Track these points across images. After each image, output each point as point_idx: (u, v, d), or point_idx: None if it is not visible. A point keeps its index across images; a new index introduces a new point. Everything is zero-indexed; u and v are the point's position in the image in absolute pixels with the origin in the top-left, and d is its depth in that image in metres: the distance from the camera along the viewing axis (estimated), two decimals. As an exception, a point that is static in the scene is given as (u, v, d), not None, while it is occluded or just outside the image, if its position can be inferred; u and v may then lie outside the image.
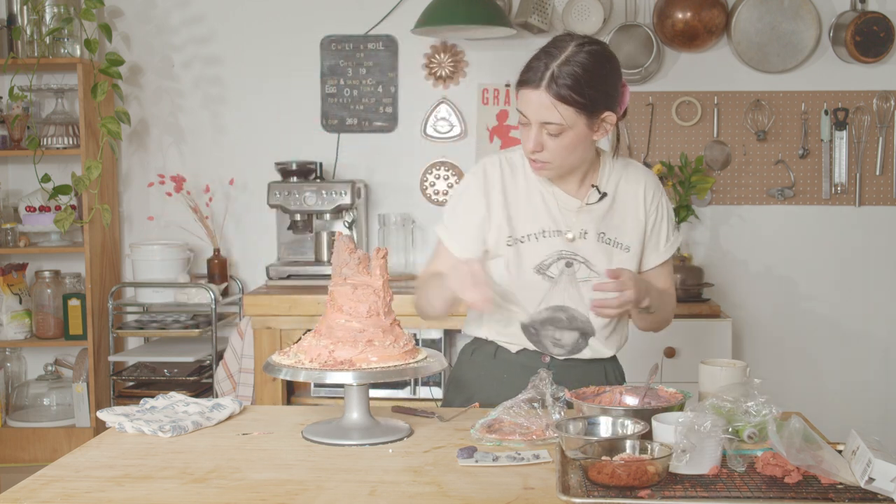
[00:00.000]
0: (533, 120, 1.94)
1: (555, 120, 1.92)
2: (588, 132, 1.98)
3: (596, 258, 2.06)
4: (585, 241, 2.07)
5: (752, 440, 1.63)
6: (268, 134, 4.04)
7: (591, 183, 2.10)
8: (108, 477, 1.62)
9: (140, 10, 4.02)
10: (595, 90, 1.94)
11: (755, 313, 3.98)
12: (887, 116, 3.89)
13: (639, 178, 2.14)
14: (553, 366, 2.08)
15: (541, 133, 1.95)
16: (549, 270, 2.05)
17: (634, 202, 2.11)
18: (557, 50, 1.94)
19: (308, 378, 1.78)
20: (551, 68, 1.91)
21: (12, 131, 3.80)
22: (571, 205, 2.08)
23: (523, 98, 1.95)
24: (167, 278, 3.79)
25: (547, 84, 1.91)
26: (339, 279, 1.86)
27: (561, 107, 1.91)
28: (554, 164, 1.99)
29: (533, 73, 1.93)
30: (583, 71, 1.92)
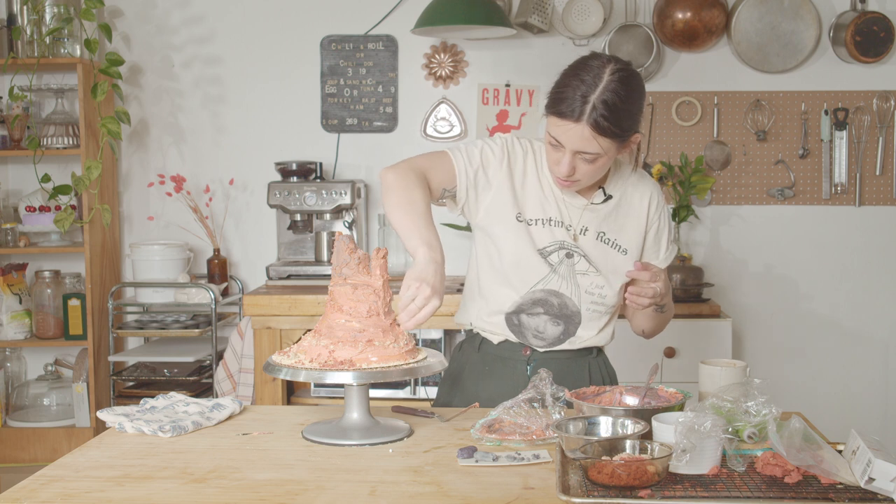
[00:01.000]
0: (568, 148, 1.95)
1: (592, 150, 1.94)
2: (616, 153, 2.01)
3: (594, 255, 2.10)
4: (585, 237, 2.10)
5: (752, 440, 1.63)
6: (268, 134, 4.04)
7: (599, 185, 2.13)
8: (108, 477, 1.62)
9: (140, 10, 4.02)
10: (630, 118, 1.95)
11: (755, 313, 3.98)
12: (887, 116, 3.89)
13: (646, 188, 2.17)
14: (534, 358, 2.12)
15: (574, 159, 1.96)
16: (550, 257, 2.08)
17: (638, 209, 2.15)
18: (592, 78, 1.92)
19: (308, 378, 1.78)
20: (590, 101, 1.90)
21: (12, 131, 3.80)
22: (578, 202, 2.11)
23: (560, 128, 1.94)
24: (167, 278, 3.79)
25: (588, 118, 1.90)
26: (339, 279, 1.86)
27: (600, 139, 1.92)
28: (582, 182, 2.03)
29: (570, 105, 1.91)
30: (620, 102, 1.91)
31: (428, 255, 1.86)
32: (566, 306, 2.09)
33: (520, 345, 2.13)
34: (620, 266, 2.11)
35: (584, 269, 2.09)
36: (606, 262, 2.10)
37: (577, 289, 2.09)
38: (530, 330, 2.11)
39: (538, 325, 2.10)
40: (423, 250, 1.87)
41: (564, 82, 1.95)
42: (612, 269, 2.11)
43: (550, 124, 1.96)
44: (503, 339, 2.14)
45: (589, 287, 2.10)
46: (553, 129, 1.96)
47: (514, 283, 2.09)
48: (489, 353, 2.16)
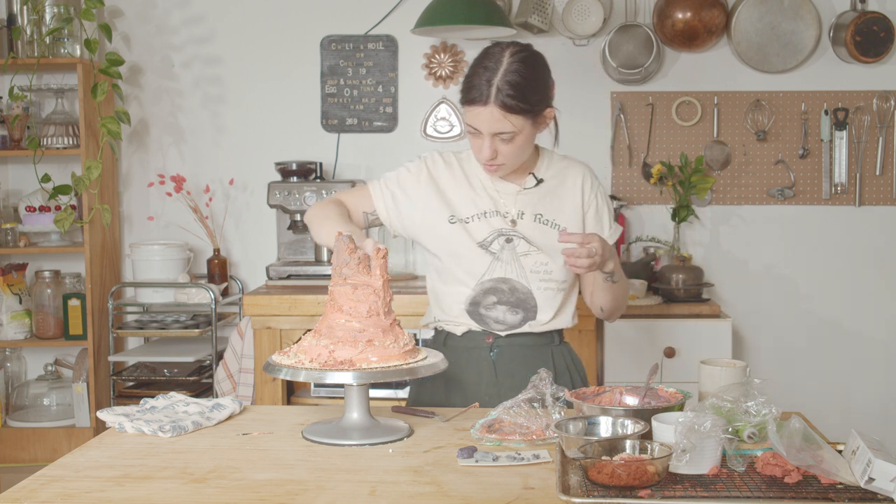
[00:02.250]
0: (485, 132, 2.06)
1: (507, 129, 2.04)
2: (534, 130, 2.11)
3: (534, 236, 2.17)
4: (523, 220, 2.18)
5: (752, 440, 1.63)
6: (268, 134, 4.04)
7: (528, 171, 2.21)
8: (108, 477, 1.62)
9: (140, 10, 4.02)
10: (536, 93, 2.06)
11: (755, 313, 3.98)
12: (887, 116, 3.89)
13: (578, 171, 2.25)
14: (497, 345, 2.18)
15: (494, 142, 2.07)
16: (491, 246, 2.16)
17: (572, 191, 2.23)
18: (494, 63, 2.05)
19: (308, 378, 1.78)
20: (494, 84, 2.02)
21: (12, 131, 3.80)
22: (510, 189, 2.20)
23: (473, 115, 2.06)
24: (167, 278, 3.79)
25: (494, 98, 2.02)
26: (339, 279, 1.86)
27: (510, 117, 2.03)
28: (508, 163, 2.12)
29: (478, 91, 2.04)
30: (523, 80, 2.03)
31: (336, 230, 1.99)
32: (517, 290, 2.15)
33: (483, 333, 2.19)
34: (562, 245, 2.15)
35: (525, 250, 2.16)
36: (546, 241, 2.17)
37: (522, 270, 2.15)
38: (491, 318, 2.17)
39: (497, 315, 2.17)
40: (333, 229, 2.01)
41: (471, 73, 2.08)
42: (554, 246, 2.16)
43: (466, 114, 2.09)
44: (466, 330, 2.20)
45: (534, 266, 2.16)
46: (468, 118, 2.08)
47: (463, 279, 2.17)
48: (454, 346, 2.22)
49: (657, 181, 3.84)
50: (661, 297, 3.66)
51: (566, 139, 3.96)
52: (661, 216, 3.95)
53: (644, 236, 3.92)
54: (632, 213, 3.98)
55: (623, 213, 3.95)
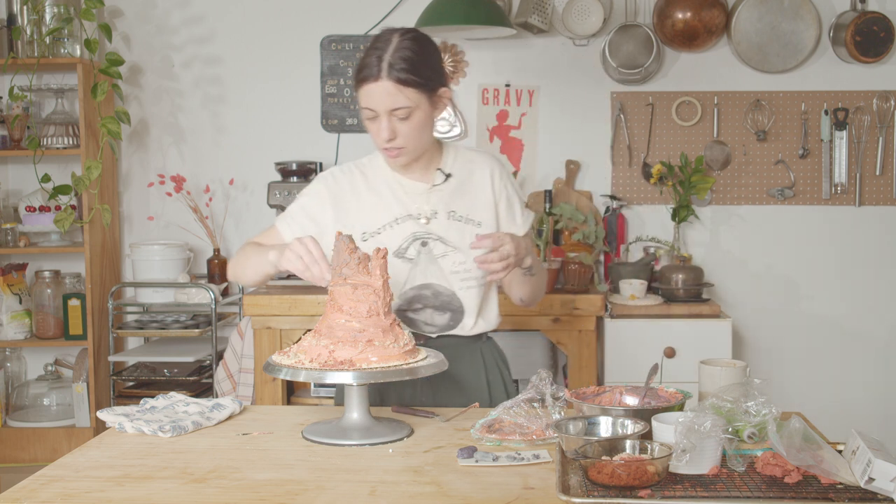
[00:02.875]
0: (381, 110, 2.04)
1: (402, 104, 2.03)
2: (431, 110, 2.10)
3: (449, 235, 2.15)
4: (437, 220, 2.16)
5: (752, 440, 1.63)
6: (268, 134, 4.04)
7: (435, 167, 2.20)
8: (108, 477, 1.62)
9: (140, 10, 4.02)
10: (428, 69, 2.06)
11: (755, 313, 3.98)
12: (887, 116, 3.89)
13: (485, 162, 2.24)
14: (429, 345, 2.14)
15: (391, 121, 2.04)
16: (408, 253, 2.14)
17: (482, 183, 2.21)
18: (383, 43, 2.05)
19: (308, 378, 1.78)
20: (385, 59, 2.02)
21: (12, 131, 3.80)
22: (419, 188, 2.18)
23: (367, 93, 2.04)
24: (167, 278, 3.79)
25: (387, 73, 2.01)
26: (339, 279, 1.86)
27: (405, 90, 2.02)
28: (408, 147, 2.09)
29: (370, 69, 2.03)
30: (413, 54, 2.04)
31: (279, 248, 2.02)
32: (440, 294, 2.13)
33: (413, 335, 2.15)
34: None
35: (442, 251, 2.14)
36: (463, 238, 2.14)
37: (441, 273, 2.14)
38: (420, 320, 2.16)
39: (425, 318, 2.15)
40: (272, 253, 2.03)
41: (363, 56, 2.08)
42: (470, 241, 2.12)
43: (361, 97, 2.06)
44: None
45: (452, 267, 2.14)
46: (363, 100, 2.06)
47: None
48: None
49: (657, 181, 3.84)
50: (661, 297, 3.66)
51: (567, 139, 3.98)
52: (661, 216, 3.95)
53: (644, 236, 3.92)
54: (632, 213, 3.98)
55: (623, 213, 3.95)
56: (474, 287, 2.16)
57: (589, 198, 3.94)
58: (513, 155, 3.98)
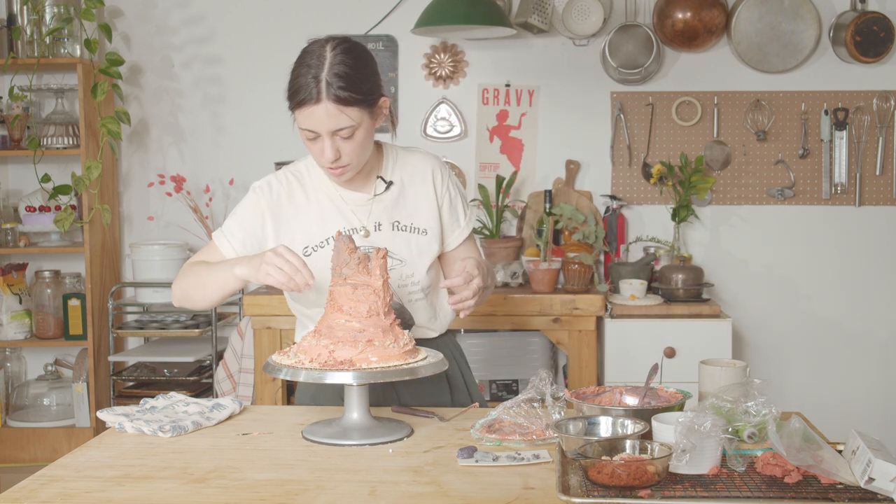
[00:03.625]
0: (323, 132, 1.94)
1: (344, 124, 1.93)
2: (372, 123, 2.00)
3: (395, 247, 2.08)
4: (381, 232, 2.09)
5: (752, 440, 1.63)
6: (268, 134, 4.04)
7: (376, 175, 2.12)
8: (108, 477, 1.62)
9: (140, 10, 4.03)
10: (367, 82, 1.96)
11: (755, 313, 3.98)
12: (887, 116, 3.89)
13: (426, 166, 2.16)
14: None
15: (334, 141, 1.95)
16: None
17: (424, 187, 2.14)
18: (316, 59, 1.94)
19: (308, 378, 1.78)
20: (322, 79, 1.92)
21: (12, 131, 3.80)
22: (361, 199, 2.10)
23: (306, 116, 1.94)
24: (167, 278, 3.79)
25: (325, 93, 1.91)
26: (339, 279, 1.86)
27: (346, 110, 1.92)
28: (353, 164, 2.00)
29: (307, 91, 1.93)
30: (351, 70, 1.93)
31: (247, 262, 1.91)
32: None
33: None
34: (424, 247, 2.11)
35: (390, 265, 2.06)
36: (409, 249, 2.09)
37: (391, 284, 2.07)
38: None
39: None
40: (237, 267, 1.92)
41: (294, 74, 1.97)
42: (417, 252, 2.10)
43: (299, 119, 1.96)
44: None
45: (400, 280, 2.08)
46: (303, 122, 1.96)
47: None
48: None
49: (657, 181, 3.84)
50: (661, 297, 3.66)
51: (567, 139, 3.98)
52: (661, 216, 3.95)
53: (644, 236, 3.92)
54: (632, 213, 3.98)
55: (623, 213, 3.95)
56: (423, 298, 2.12)
57: (589, 198, 3.94)
58: (513, 155, 3.98)
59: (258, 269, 1.87)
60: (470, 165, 3.98)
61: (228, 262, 1.98)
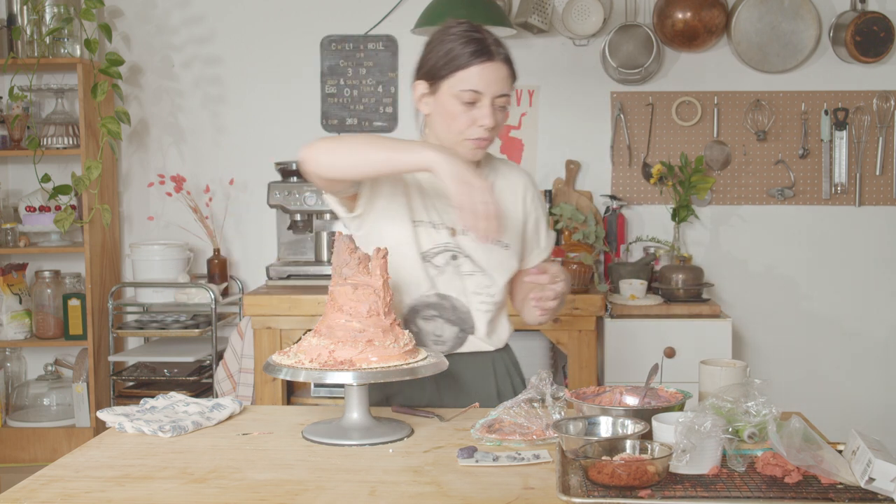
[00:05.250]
0: (489, 94, 1.92)
1: (508, 90, 1.95)
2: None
3: (478, 254, 2.08)
4: (466, 236, 2.07)
5: (752, 440, 1.63)
6: (268, 134, 4.04)
7: None
8: (108, 477, 1.62)
9: (140, 10, 4.03)
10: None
11: (755, 313, 3.98)
12: (887, 116, 3.89)
13: (518, 178, 2.16)
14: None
15: (494, 107, 1.94)
16: (435, 260, 2.06)
17: (514, 203, 2.13)
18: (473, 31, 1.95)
19: (308, 378, 1.78)
20: (490, 42, 1.93)
21: (12, 131, 3.80)
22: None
23: (475, 74, 1.91)
24: (167, 278, 3.79)
25: (497, 54, 1.92)
26: (339, 279, 1.86)
27: (511, 76, 1.96)
28: (491, 139, 1.99)
29: (485, 47, 1.92)
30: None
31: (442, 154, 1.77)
32: (456, 308, 2.07)
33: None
34: (504, 262, 2.11)
35: (469, 270, 2.07)
36: (490, 260, 2.08)
37: (464, 290, 2.07)
38: (429, 336, 2.08)
39: (435, 328, 2.08)
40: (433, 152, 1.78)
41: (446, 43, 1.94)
42: (497, 265, 2.10)
43: (464, 78, 1.91)
44: None
45: (476, 287, 2.08)
46: (467, 82, 1.91)
47: (402, 288, 2.06)
48: None
49: (657, 181, 3.84)
50: (661, 297, 3.66)
51: (567, 139, 3.98)
52: (661, 216, 3.95)
53: (644, 236, 3.92)
54: (632, 213, 3.98)
55: (623, 213, 3.95)
56: (492, 311, 2.11)
57: (589, 198, 3.94)
58: (513, 155, 3.98)
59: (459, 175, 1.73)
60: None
61: (412, 143, 1.84)
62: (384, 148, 1.85)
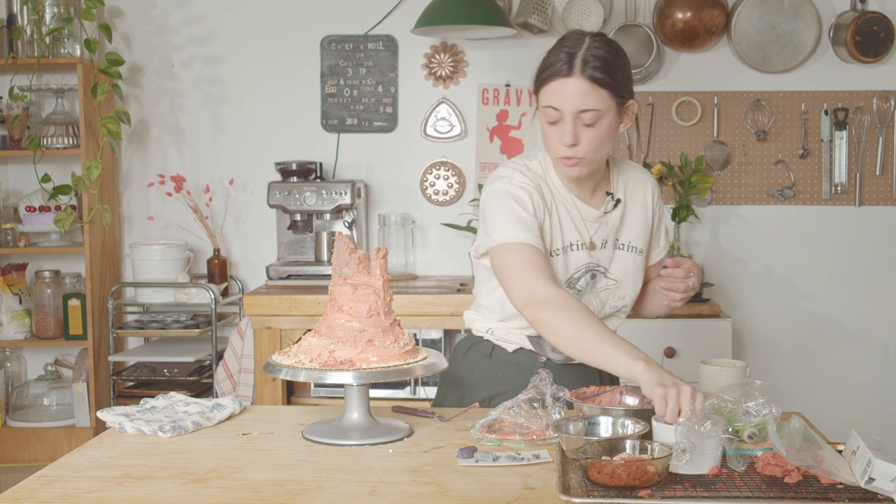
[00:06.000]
0: (568, 111, 1.91)
1: (592, 106, 1.90)
2: (616, 121, 1.95)
3: (613, 266, 2.08)
4: (605, 250, 2.07)
5: (752, 440, 1.63)
6: (268, 134, 4.04)
7: (604, 190, 2.08)
8: (108, 477, 1.62)
9: (140, 10, 4.03)
10: (621, 73, 1.94)
11: (755, 313, 3.98)
12: (887, 116, 3.89)
13: (646, 182, 2.16)
14: (549, 366, 2.07)
15: (576, 125, 1.92)
16: (578, 284, 2.05)
17: (643, 205, 2.13)
18: (575, 43, 1.93)
19: (308, 378, 1.78)
20: (579, 56, 1.90)
21: (12, 131, 3.80)
22: (591, 215, 2.06)
23: (554, 91, 1.92)
24: (167, 278, 3.79)
25: (580, 69, 1.89)
26: (339, 279, 1.86)
27: (598, 90, 1.89)
28: (587, 158, 1.95)
29: (561, 64, 1.91)
30: (608, 55, 1.92)
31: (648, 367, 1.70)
32: None
33: (534, 353, 2.10)
34: (639, 267, 2.11)
35: (605, 285, 2.08)
36: (626, 268, 2.09)
37: (600, 304, 2.08)
38: (549, 345, 2.05)
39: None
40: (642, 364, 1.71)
41: (549, 55, 1.97)
42: (632, 271, 2.10)
43: (546, 95, 1.94)
44: (518, 347, 2.11)
45: (611, 300, 2.09)
46: (549, 98, 1.94)
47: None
48: (502, 359, 2.12)
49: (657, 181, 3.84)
50: (661, 297, 3.66)
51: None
52: (661, 216, 3.95)
53: (644, 236, 3.92)
54: (632, 213, 3.97)
55: (623, 213, 3.95)
56: (619, 318, 2.12)
57: (589, 198, 3.93)
58: (513, 155, 3.98)
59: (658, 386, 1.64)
60: (470, 165, 3.98)
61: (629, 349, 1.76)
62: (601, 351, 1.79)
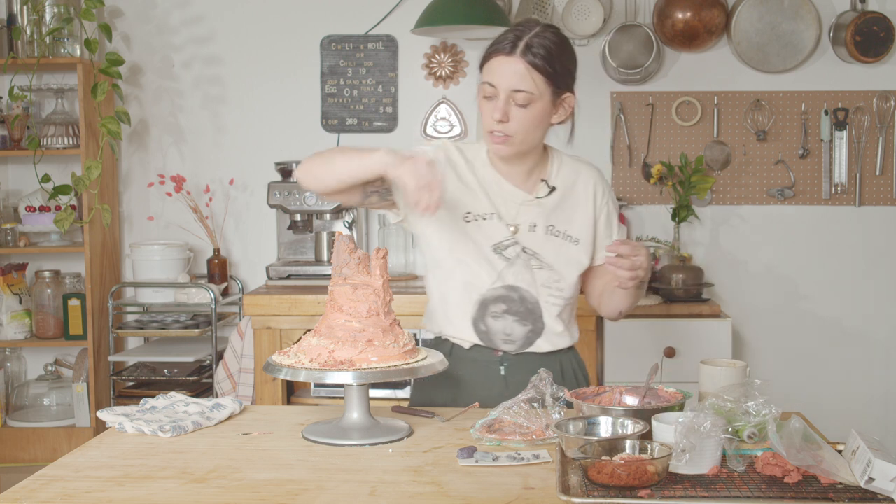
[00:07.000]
0: (503, 88, 1.98)
1: (526, 87, 1.98)
2: (550, 109, 2.04)
3: (544, 250, 2.10)
4: (534, 233, 2.10)
5: (752, 440, 1.63)
6: (268, 134, 4.04)
7: (539, 177, 2.14)
8: (108, 477, 1.62)
9: (140, 10, 4.02)
10: (563, 65, 2.02)
11: (755, 313, 3.98)
12: (887, 116, 3.89)
13: (589, 176, 2.20)
14: (506, 359, 2.11)
15: (508, 103, 1.99)
16: (506, 252, 2.08)
17: (584, 199, 2.16)
18: (525, 28, 2.01)
19: (308, 378, 1.78)
20: (524, 39, 1.98)
21: (12, 131, 3.80)
22: (519, 197, 2.11)
23: (493, 67, 2.00)
24: (167, 278, 3.79)
25: (522, 52, 1.97)
26: (339, 279, 1.86)
27: (534, 73, 1.97)
28: (516, 138, 2.02)
29: (506, 43, 1.99)
30: (552, 45, 2.00)
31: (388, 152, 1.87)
32: (525, 300, 2.08)
33: (490, 348, 2.12)
34: (573, 256, 2.13)
35: (537, 265, 2.09)
36: (559, 256, 2.11)
37: (533, 281, 2.09)
38: (498, 335, 2.10)
39: (504, 327, 2.09)
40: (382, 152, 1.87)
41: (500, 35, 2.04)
42: (566, 261, 2.11)
43: (486, 71, 2.01)
44: (473, 344, 2.13)
45: (545, 281, 2.10)
46: (488, 74, 2.01)
47: (472, 283, 2.08)
48: (461, 357, 2.14)
49: (657, 181, 3.84)
50: (661, 297, 3.66)
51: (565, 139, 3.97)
52: (661, 216, 3.95)
53: (644, 236, 3.92)
54: (632, 213, 3.98)
55: (623, 213, 3.95)
56: (560, 305, 2.12)
57: (589, 198, 3.94)
58: (513, 155, 3.98)
59: (401, 162, 1.84)
60: (470, 165, 3.98)
61: (368, 149, 1.93)
62: (350, 158, 1.94)
